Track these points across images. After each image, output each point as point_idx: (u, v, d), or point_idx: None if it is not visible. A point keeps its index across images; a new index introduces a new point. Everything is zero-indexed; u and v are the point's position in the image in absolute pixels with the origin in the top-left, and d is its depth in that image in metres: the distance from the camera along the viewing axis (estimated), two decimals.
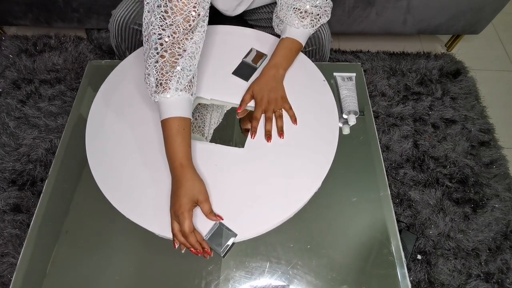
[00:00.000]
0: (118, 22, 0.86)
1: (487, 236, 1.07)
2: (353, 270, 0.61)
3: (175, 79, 0.62)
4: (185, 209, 0.57)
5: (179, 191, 0.59)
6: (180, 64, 0.62)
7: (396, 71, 1.44)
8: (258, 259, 0.62)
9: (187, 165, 0.61)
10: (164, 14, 0.60)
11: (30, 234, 0.63)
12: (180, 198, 0.58)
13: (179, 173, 0.60)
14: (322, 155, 0.69)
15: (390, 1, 1.26)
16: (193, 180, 0.60)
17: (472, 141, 1.26)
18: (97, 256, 0.61)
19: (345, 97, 0.80)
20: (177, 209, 0.57)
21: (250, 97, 0.75)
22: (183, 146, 0.61)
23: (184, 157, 0.61)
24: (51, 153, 1.17)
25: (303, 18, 0.77)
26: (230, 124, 0.74)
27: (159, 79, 0.62)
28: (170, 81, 0.62)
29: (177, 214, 0.57)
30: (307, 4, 0.76)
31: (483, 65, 1.52)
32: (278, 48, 0.78)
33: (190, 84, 0.65)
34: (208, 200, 0.61)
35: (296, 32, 0.78)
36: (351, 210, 0.67)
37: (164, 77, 0.62)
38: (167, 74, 0.62)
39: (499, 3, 1.28)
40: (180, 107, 0.62)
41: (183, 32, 0.61)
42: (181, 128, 0.62)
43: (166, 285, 0.59)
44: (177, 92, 0.62)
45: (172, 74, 0.62)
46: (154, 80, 0.62)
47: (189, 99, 0.65)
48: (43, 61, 1.40)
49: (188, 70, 0.63)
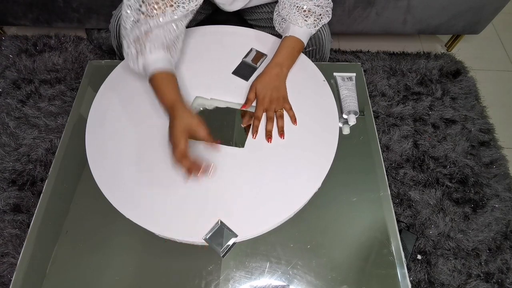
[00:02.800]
0: (118, 23, 0.86)
1: (487, 236, 1.07)
2: (353, 270, 0.61)
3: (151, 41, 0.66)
4: (181, 134, 0.61)
5: (175, 121, 0.62)
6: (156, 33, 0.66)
7: (396, 71, 1.44)
8: (258, 259, 0.62)
9: (177, 102, 0.64)
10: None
11: (30, 234, 0.63)
12: (176, 127, 0.62)
13: (171, 110, 0.64)
14: (322, 155, 0.69)
15: (390, 1, 1.26)
16: (182, 112, 0.63)
17: (472, 141, 1.26)
18: (97, 256, 0.61)
19: (345, 97, 0.80)
20: (173, 136, 0.61)
21: (255, 96, 0.74)
22: (173, 89, 0.66)
23: (172, 97, 0.65)
24: (51, 153, 1.17)
25: (307, 17, 0.77)
26: (230, 124, 0.74)
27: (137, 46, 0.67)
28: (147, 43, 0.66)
29: (173, 141, 0.61)
30: (310, 3, 0.75)
31: (483, 65, 1.52)
32: (282, 46, 0.78)
33: (170, 48, 0.69)
34: (202, 126, 0.63)
35: (299, 31, 0.78)
36: (351, 210, 0.67)
37: (139, 41, 0.66)
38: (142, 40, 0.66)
39: (499, 3, 1.28)
40: (161, 63, 0.67)
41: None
42: (168, 78, 0.67)
43: (166, 285, 0.59)
44: (156, 52, 0.67)
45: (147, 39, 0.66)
46: (134, 50, 0.67)
47: (169, 59, 0.69)
48: (43, 61, 1.40)
49: (164, 34, 0.67)
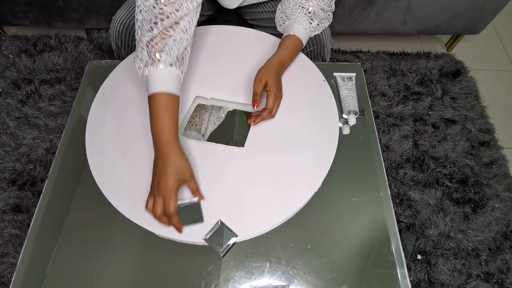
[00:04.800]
0: (118, 28, 0.86)
1: (487, 236, 1.07)
2: (353, 270, 0.61)
3: (166, 50, 0.60)
4: (172, 189, 0.56)
5: (166, 169, 0.57)
6: (172, 35, 0.61)
7: (396, 71, 1.44)
8: (258, 259, 0.62)
9: (174, 143, 0.59)
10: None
11: (30, 234, 0.63)
12: (167, 177, 0.56)
13: (166, 150, 0.59)
14: (322, 155, 0.69)
15: (390, 1, 1.26)
16: (180, 158, 0.59)
17: (472, 141, 1.26)
18: (97, 256, 0.61)
19: (345, 97, 0.80)
20: (165, 189, 0.56)
21: (262, 89, 0.71)
22: (171, 122, 0.60)
23: (171, 134, 0.59)
24: (51, 153, 1.17)
25: (311, 20, 0.77)
26: (230, 124, 0.74)
27: (150, 51, 0.60)
28: (161, 52, 0.60)
29: (162, 194, 0.56)
30: (316, 6, 0.76)
31: (483, 65, 1.52)
32: (286, 45, 0.77)
33: (181, 61, 0.63)
34: (194, 177, 0.61)
35: (304, 32, 0.78)
36: (351, 210, 0.67)
37: (153, 48, 0.60)
38: (156, 46, 0.60)
39: (499, 3, 1.28)
40: (169, 82, 0.61)
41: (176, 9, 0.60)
42: (169, 105, 0.60)
43: (166, 285, 0.59)
44: (167, 66, 0.60)
45: (162, 46, 0.60)
46: (146, 54, 0.61)
47: (178, 76, 0.63)
48: (43, 61, 1.40)
49: (179, 43, 0.62)
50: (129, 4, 0.87)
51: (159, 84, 0.60)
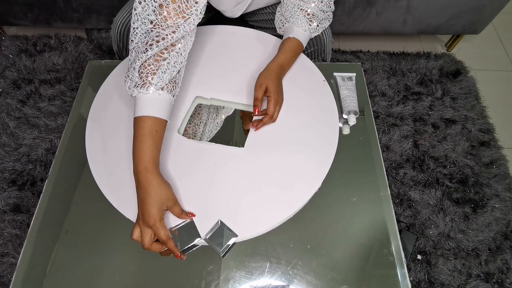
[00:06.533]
0: (119, 29, 0.86)
1: (487, 236, 1.07)
2: (353, 270, 0.61)
3: (159, 73, 0.58)
4: (156, 219, 0.55)
5: (147, 200, 0.55)
6: (166, 58, 0.59)
7: (396, 71, 1.44)
8: (258, 259, 0.62)
9: (152, 170, 0.57)
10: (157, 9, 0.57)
11: (30, 234, 0.63)
12: (149, 208, 0.55)
13: (143, 178, 0.56)
14: (322, 155, 0.69)
15: (390, 1, 1.26)
16: (159, 187, 0.56)
17: (472, 141, 1.26)
18: (97, 256, 0.61)
19: (345, 97, 0.80)
20: (148, 220, 0.55)
21: (263, 95, 0.71)
22: (152, 149, 0.57)
23: (150, 161, 0.57)
24: (51, 153, 1.17)
25: (311, 22, 0.77)
26: (230, 124, 0.74)
27: (141, 73, 0.58)
28: (153, 75, 0.58)
29: (149, 225, 0.55)
30: (314, 7, 0.75)
31: (483, 65, 1.52)
32: (286, 48, 0.77)
33: (173, 85, 0.61)
34: (176, 202, 0.59)
35: (303, 34, 0.78)
36: (351, 210, 0.67)
37: (146, 70, 0.58)
38: (149, 67, 0.58)
39: (499, 3, 1.28)
40: (157, 106, 0.59)
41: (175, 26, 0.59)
42: (154, 129, 0.58)
43: (166, 285, 0.59)
44: (158, 90, 0.58)
45: (155, 68, 0.58)
46: (137, 75, 0.59)
47: (169, 101, 0.61)
48: (43, 61, 1.40)
49: (173, 66, 0.60)
50: (130, 5, 0.87)
51: (147, 107, 0.58)
